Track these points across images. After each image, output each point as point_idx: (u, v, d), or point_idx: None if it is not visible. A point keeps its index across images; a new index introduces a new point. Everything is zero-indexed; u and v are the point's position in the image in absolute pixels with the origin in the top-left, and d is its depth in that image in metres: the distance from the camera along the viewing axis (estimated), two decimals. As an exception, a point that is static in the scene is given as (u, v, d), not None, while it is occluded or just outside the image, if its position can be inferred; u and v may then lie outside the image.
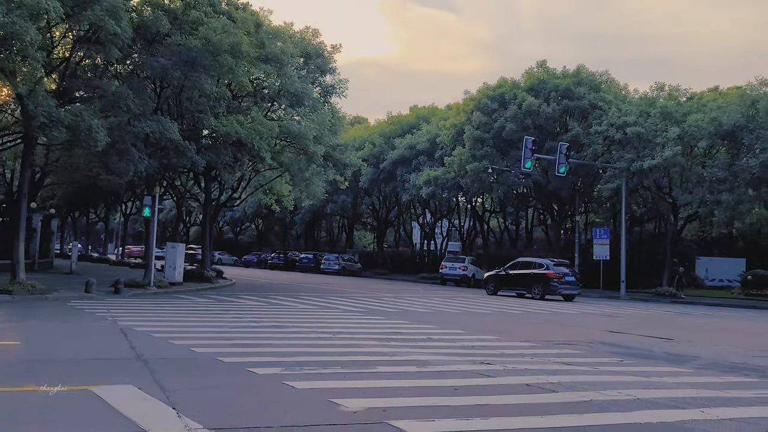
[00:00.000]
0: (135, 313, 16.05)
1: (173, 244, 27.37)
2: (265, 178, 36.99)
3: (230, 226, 79.00)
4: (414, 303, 24.45)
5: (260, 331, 13.73)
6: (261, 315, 17.24)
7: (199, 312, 17.46)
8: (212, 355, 10.06)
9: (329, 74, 32.65)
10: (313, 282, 38.24)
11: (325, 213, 63.99)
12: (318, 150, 27.77)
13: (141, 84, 21.25)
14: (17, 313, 15.16)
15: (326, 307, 20.70)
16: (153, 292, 23.12)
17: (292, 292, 27.43)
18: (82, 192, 48.23)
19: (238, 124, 23.58)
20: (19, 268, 19.33)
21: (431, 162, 45.91)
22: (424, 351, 11.66)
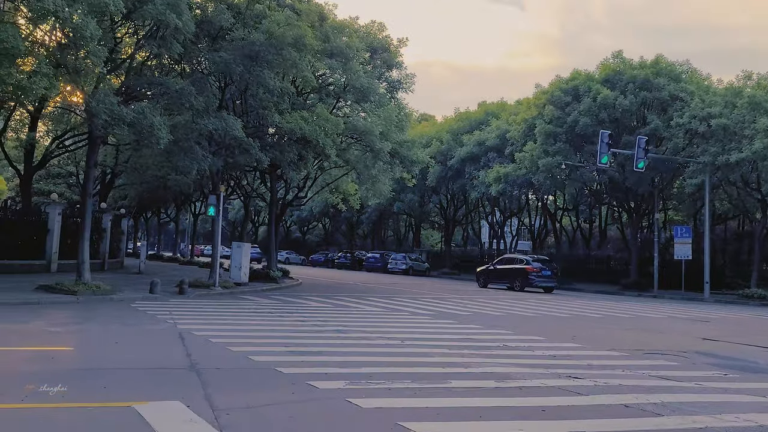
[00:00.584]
0: (196, 316, 15.50)
1: (239, 244, 26.96)
2: (331, 176, 36.43)
3: (298, 225, 79.15)
4: (485, 305, 23.31)
5: (323, 336, 12.90)
6: (325, 318, 16.46)
7: (262, 314, 16.81)
8: (271, 364, 9.27)
9: (395, 69, 31.81)
10: (379, 282, 37.45)
11: (391, 212, 63.25)
12: (384, 146, 26.91)
13: (204, 81, 20.78)
14: (79, 314, 14.80)
15: (393, 310, 19.81)
16: (218, 292, 22.70)
17: (358, 293, 26.65)
18: (153, 192, 48.80)
19: (303, 120, 22.92)
20: (84, 268, 19.11)
21: (501, 158, 44.52)
22: (501, 361, 10.61)
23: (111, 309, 16.35)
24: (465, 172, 48.22)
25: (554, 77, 42.45)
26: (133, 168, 37.35)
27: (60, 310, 15.42)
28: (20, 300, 16.64)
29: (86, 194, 19.43)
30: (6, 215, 25.87)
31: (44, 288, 18.75)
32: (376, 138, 26.20)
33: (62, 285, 18.58)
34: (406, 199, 55.94)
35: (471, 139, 47.81)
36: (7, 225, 25.73)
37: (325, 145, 23.35)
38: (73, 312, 15.24)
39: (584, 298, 31.26)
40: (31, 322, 13.03)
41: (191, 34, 18.99)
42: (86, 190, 19.42)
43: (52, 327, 12.47)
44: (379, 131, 26.17)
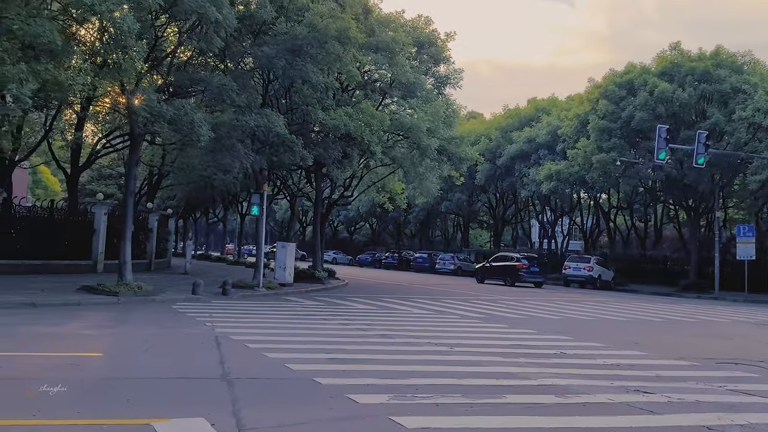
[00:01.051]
0: (236, 318, 14.94)
1: (283, 244, 26.46)
2: (377, 175, 35.75)
3: (345, 225, 78.79)
4: (538, 308, 22.29)
5: (368, 342, 12.15)
6: (370, 321, 15.72)
7: (304, 317, 16.18)
8: (309, 374, 8.56)
9: (443, 64, 30.91)
10: (427, 283, 36.60)
11: (439, 211, 62.31)
12: (432, 143, 26.05)
13: (246, 77, 20.23)
14: (116, 317, 14.38)
15: (442, 313, 18.98)
16: (261, 293, 22.19)
17: (405, 295, 25.88)
18: (200, 192, 48.87)
19: (347, 116, 22.25)
20: (126, 269, 18.75)
21: (552, 155, 43.22)
22: (560, 372, 9.70)
23: (150, 311, 15.91)
24: (515, 169, 47.05)
25: (608, 71, 41.00)
26: (180, 168, 37.25)
27: (98, 312, 15.04)
28: (61, 301, 16.34)
29: (128, 193, 19.09)
30: (52, 215, 25.86)
31: (86, 289, 18.48)
32: (424, 134, 25.37)
33: (104, 286, 18.27)
34: (454, 199, 54.98)
35: (521, 136, 46.60)
36: (53, 225, 25.72)
37: (371, 142, 22.64)
38: (112, 314, 14.83)
39: (641, 300, 29.92)
40: (67, 324, 12.62)
41: (233, 29, 18.49)
42: (128, 190, 19.08)
43: (87, 330, 12.03)
44: (426, 127, 25.34)
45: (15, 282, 20.00)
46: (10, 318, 13.05)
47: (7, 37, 13.70)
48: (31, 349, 9.70)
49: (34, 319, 13.10)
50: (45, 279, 21.89)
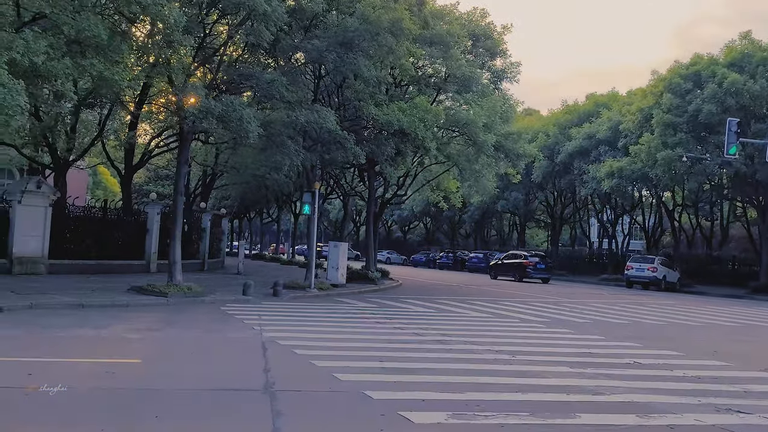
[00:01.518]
0: (285, 321, 14.34)
1: (335, 243, 25.85)
2: (432, 173, 34.93)
3: (399, 224, 78.09)
4: (603, 311, 21.16)
5: (423, 348, 11.37)
6: (426, 325, 14.93)
7: (357, 320, 15.49)
8: (358, 385, 7.84)
9: (499, 57, 29.88)
10: (484, 284, 35.59)
11: (495, 210, 61.04)
12: (488, 139, 25.08)
13: (297, 72, 19.61)
14: (163, 319, 13.94)
15: (501, 316, 18.06)
16: (313, 294, 21.62)
17: (461, 296, 25.00)
18: (253, 192, 48.82)
19: (400, 111, 21.49)
20: (175, 269, 18.38)
21: (613, 152, 41.57)
22: (637, 385, 8.75)
23: (198, 312, 15.46)
24: (573, 167, 45.52)
25: (673, 63, 39.23)
26: (233, 167, 37.12)
27: (145, 314, 14.63)
28: (109, 302, 16.01)
29: (177, 192, 18.72)
30: (106, 215, 25.83)
31: (136, 289, 18.18)
32: (480, 130, 24.42)
33: (153, 286, 17.94)
34: (511, 197, 53.67)
35: (580, 132, 45.04)
36: (107, 225, 25.69)
37: (425, 138, 21.82)
38: (159, 315, 14.40)
39: (711, 302, 28.37)
40: (111, 326, 12.19)
41: (283, 22, 17.95)
42: (177, 189, 18.71)
43: (130, 333, 11.56)
44: (482, 123, 24.38)
45: (68, 282, 19.89)
46: (56, 319, 12.73)
47: (53, 32, 13.39)
48: (69, 355, 9.24)
49: (79, 321, 12.74)
50: (98, 279, 21.78)
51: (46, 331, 11.26)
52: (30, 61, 12.53)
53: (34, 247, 22.31)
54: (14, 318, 12.73)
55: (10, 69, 12.23)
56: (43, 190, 22.38)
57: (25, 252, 22.01)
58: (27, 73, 12.82)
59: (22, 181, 22.66)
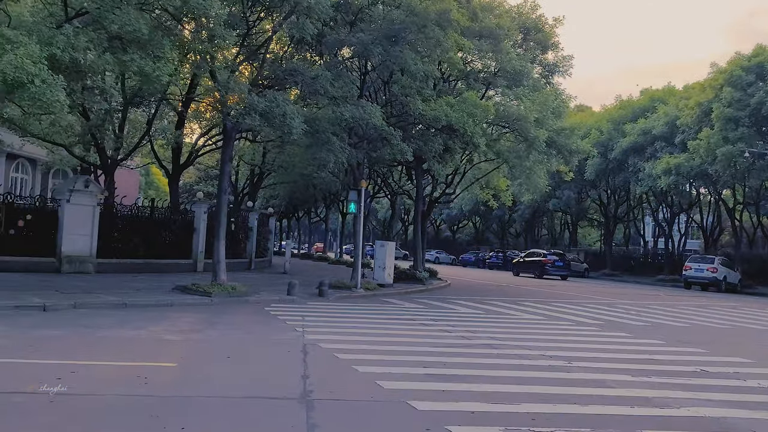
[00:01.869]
0: (329, 323, 13.88)
1: (382, 243, 25.35)
2: (481, 171, 34.15)
3: (448, 224, 77.26)
4: (661, 314, 20.17)
5: (472, 353, 10.76)
6: (475, 327, 14.30)
7: (403, 321, 14.94)
8: (403, 394, 7.30)
9: (551, 51, 28.95)
10: (534, 284, 34.67)
11: (546, 209, 59.77)
12: (540, 134, 24.22)
13: (341, 65, 19.08)
14: (205, 319, 13.62)
15: (554, 318, 17.28)
16: (359, 294, 21.17)
17: (512, 297, 24.24)
18: (301, 191, 48.71)
19: (448, 106, 20.84)
20: (219, 268, 18.12)
21: (670, 148, 40.06)
22: (706, 397, 8.01)
23: (241, 313, 15.12)
24: (628, 164, 44.09)
25: (733, 54, 37.60)
26: (280, 166, 36.99)
27: (188, 314, 14.35)
28: (153, 302, 15.80)
29: (221, 191, 18.45)
30: (153, 215, 25.84)
31: (180, 289, 18.00)
32: (531, 125, 23.59)
33: (198, 286, 17.72)
34: (563, 196, 52.40)
35: (635, 128, 43.55)
36: (154, 224, 25.69)
37: (474, 133, 21.11)
38: (201, 316, 14.09)
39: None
40: (151, 327, 11.90)
41: (328, 16, 17.53)
42: (221, 187, 18.43)
43: (170, 334, 11.23)
44: (533, 118, 23.54)
45: (114, 281, 19.85)
46: (98, 319, 12.52)
47: (93, 28, 13.18)
48: (104, 357, 8.92)
49: (121, 321, 12.51)
50: (144, 278, 21.73)
51: (85, 331, 11.02)
52: (71, 57, 12.34)
53: (83, 246, 22.38)
54: (56, 317, 12.56)
55: (51, 65, 12.04)
56: (91, 189, 22.43)
57: (73, 251, 22.09)
58: (68, 69, 12.62)
59: (70, 181, 22.76)
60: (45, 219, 21.88)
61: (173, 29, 15.28)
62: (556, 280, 41.04)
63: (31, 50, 11.31)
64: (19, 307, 13.70)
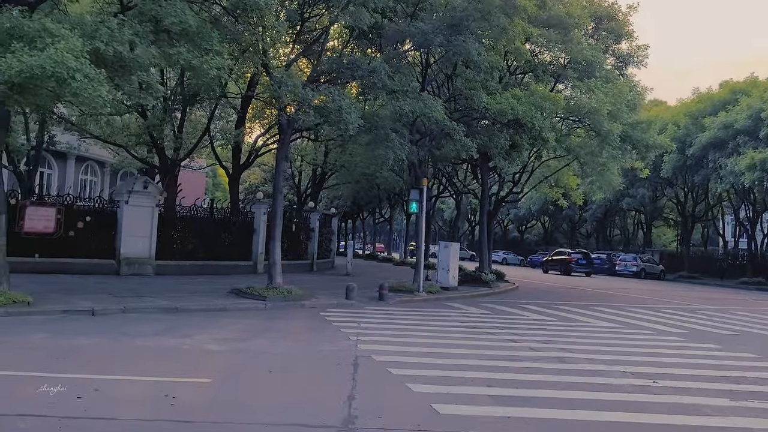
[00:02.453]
0: (386, 330, 12.95)
1: (446, 244, 24.28)
2: (550, 169, 32.69)
3: (515, 224, 75.40)
4: (750, 321, 18.49)
5: (543, 368, 9.65)
6: (545, 337, 13.14)
7: (466, 329, 13.89)
8: (462, 422, 6.33)
9: (624, 40, 27.27)
10: (607, 287, 32.99)
11: (618, 208, 57.37)
12: (614, 128, 22.67)
13: (401, 56, 18.06)
14: (255, 326, 12.91)
15: (631, 326, 15.91)
16: (421, 298, 20.20)
17: (583, 301, 22.85)
18: (366, 192, 48.08)
19: (515, 99, 19.62)
20: (275, 271, 17.45)
21: (754, 142, 37.53)
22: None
23: (295, 318, 14.37)
24: (707, 160, 41.66)
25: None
26: (342, 166, 36.35)
27: (239, 319, 13.67)
28: (204, 306, 15.21)
29: (276, 191, 17.76)
30: (212, 216, 25.50)
31: (236, 292, 17.41)
32: (604, 118, 22.07)
33: (253, 289, 17.09)
34: (637, 194, 50.11)
35: (715, 122, 41.06)
36: (214, 225, 25.34)
37: (543, 128, 19.82)
38: (251, 322, 13.39)
39: None
40: (197, 335, 11.23)
41: (386, 5, 16.66)
42: (276, 187, 17.75)
43: (213, 344, 10.51)
44: (607, 110, 22.04)
45: (171, 284, 19.47)
46: (144, 326, 11.96)
47: (138, 20, 12.62)
48: (134, 371, 8.23)
49: (166, 327, 11.91)
50: (203, 280, 21.32)
51: (126, 339, 10.41)
52: (114, 51, 11.78)
53: (141, 247, 22.13)
54: (102, 323, 12.06)
55: (95, 59, 11.51)
56: (149, 190, 22.17)
57: (132, 253, 21.86)
58: (113, 64, 12.07)
59: (129, 182, 22.55)
60: (104, 221, 21.71)
61: (222, 21, 14.58)
62: (634, 281, 39.22)
63: (73, 44, 10.77)
64: (68, 311, 13.30)
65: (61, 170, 36.53)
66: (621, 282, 40.04)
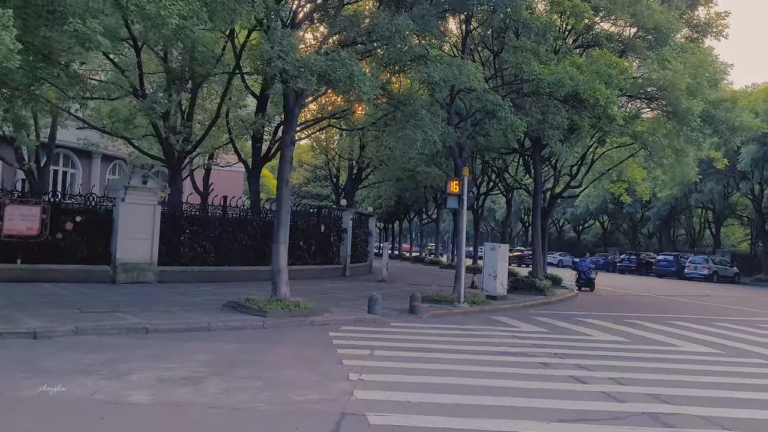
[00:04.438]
0: (405, 361, 9.65)
1: (492, 245, 20.79)
2: (612, 160, 28.87)
3: (572, 224, 70.95)
4: None
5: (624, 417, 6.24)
6: (623, 370, 9.66)
7: (514, 359, 10.47)
8: None
9: (701, 6, 23.29)
10: (680, 292, 29.01)
11: (685, 205, 52.62)
12: (693, 106, 18.85)
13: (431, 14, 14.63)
14: (230, 354, 9.78)
15: (735, 351, 12.23)
16: (462, 311, 16.82)
17: (658, 312, 19.16)
18: (411, 190, 44.83)
19: (574, 67, 16.04)
20: (280, 279, 14.30)
21: None
22: None
23: (290, 343, 11.16)
24: (792, 150, 37.10)
25: None
26: (380, 160, 33.15)
27: (217, 344, 10.54)
28: (184, 324, 12.04)
29: (281, 180, 14.56)
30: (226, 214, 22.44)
31: (233, 305, 14.35)
32: (682, 94, 18.28)
33: (253, 302, 14.00)
34: (706, 189, 45.54)
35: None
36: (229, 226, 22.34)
37: (608, 102, 16.15)
38: (230, 348, 10.23)
39: None
40: (137, 372, 8.11)
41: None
42: (282, 176, 14.54)
43: (144, 390, 7.33)
44: (685, 84, 18.24)
45: (168, 293, 16.64)
46: (75, 356, 8.98)
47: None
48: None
49: (107, 359, 8.87)
50: (208, 289, 18.44)
51: (14, 384, 7.36)
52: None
53: (142, 251, 19.29)
54: (20, 352, 9.14)
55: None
56: (149, 185, 19.30)
57: (130, 258, 19.02)
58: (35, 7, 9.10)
59: (125, 176, 19.76)
60: (99, 221, 18.92)
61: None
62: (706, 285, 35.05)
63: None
64: (3, 334, 10.42)
65: (86, 169, 34.33)
66: (693, 286, 35.90)
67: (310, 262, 25.65)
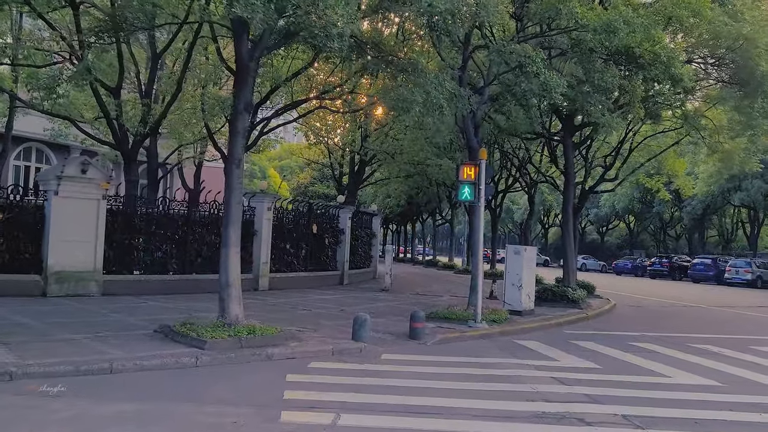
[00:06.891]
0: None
1: (517, 248, 16.81)
2: (649, 150, 24.84)
3: (595, 225, 66.59)
4: None
5: None
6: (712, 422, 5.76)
7: (566, 428, 6.56)
8: None
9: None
10: (732, 301, 25.01)
11: (723, 203, 48.22)
12: (773, 69, 14.79)
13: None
14: (134, 413, 5.97)
15: None
16: (479, 333, 12.90)
17: (728, 332, 15.21)
18: (422, 189, 40.93)
19: (629, 7, 12.00)
20: (229, 296, 10.40)
21: None
22: None
23: (219, 398, 7.30)
24: None
25: None
26: (385, 153, 29.25)
27: (97, 404, 6.72)
28: (79, 361, 8.26)
29: (231, 161, 10.75)
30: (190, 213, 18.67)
31: (164, 332, 10.51)
32: (761, 54, 14.21)
33: (190, 327, 10.14)
34: (753, 187, 41.23)
35: None
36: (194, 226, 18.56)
37: (673, 60, 12.08)
38: (110, 412, 6.41)
39: None
40: None
41: None
42: (232, 155, 10.71)
43: None
44: (765, 42, 14.17)
45: (99, 311, 13.01)
46: None
47: None
48: None
49: None
50: (158, 304, 14.78)
51: None
52: None
53: (82, 257, 15.47)
54: None
55: None
56: (90, 174, 15.50)
57: (66, 265, 15.21)
58: None
59: (59, 165, 15.98)
60: (26, 220, 15.18)
61: None
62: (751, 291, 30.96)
63: None
64: None
65: (62, 165, 30.84)
66: (737, 293, 31.90)
67: (299, 268, 21.80)
